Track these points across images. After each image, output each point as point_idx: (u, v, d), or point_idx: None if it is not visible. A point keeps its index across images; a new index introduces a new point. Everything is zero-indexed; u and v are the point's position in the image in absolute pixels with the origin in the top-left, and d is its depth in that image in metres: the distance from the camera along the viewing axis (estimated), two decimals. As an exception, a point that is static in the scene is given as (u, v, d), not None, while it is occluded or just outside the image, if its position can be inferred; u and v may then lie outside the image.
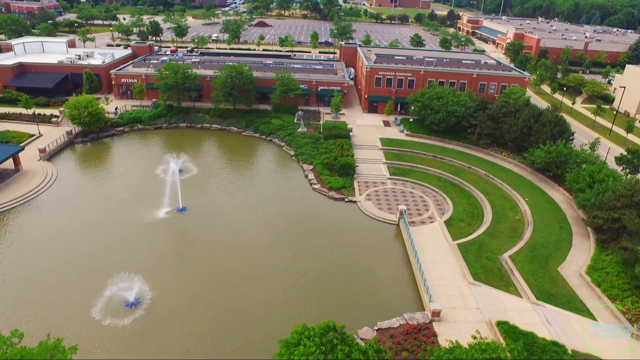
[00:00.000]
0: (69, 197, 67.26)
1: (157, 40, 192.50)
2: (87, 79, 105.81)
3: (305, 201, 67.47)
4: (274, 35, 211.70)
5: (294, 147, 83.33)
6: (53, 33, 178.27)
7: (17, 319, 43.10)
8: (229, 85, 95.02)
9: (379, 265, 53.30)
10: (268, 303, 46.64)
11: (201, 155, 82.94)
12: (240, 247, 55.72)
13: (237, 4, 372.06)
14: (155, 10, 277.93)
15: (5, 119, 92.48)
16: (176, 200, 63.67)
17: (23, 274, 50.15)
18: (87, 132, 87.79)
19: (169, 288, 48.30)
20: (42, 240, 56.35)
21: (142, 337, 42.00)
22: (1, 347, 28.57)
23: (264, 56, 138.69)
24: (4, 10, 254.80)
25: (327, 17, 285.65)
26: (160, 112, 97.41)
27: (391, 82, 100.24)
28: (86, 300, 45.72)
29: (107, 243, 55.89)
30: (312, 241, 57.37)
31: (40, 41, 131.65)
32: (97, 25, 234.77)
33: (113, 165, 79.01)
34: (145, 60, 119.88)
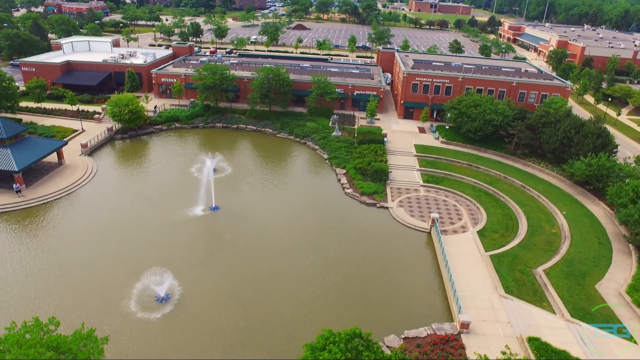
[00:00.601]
0: (107, 191, 69.43)
1: (198, 41, 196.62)
2: (129, 78, 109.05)
3: (337, 205, 67.50)
4: (312, 38, 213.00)
5: (328, 151, 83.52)
6: (99, 33, 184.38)
7: (54, 307, 44.74)
8: (265, 87, 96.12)
9: (409, 273, 52.80)
10: (295, 305, 46.86)
11: (236, 155, 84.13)
12: (271, 248, 56.21)
13: (276, 6, 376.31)
14: (196, 12, 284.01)
15: (52, 115, 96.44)
16: (210, 199, 64.75)
17: (61, 264, 52.08)
18: (127, 129, 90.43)
19: (198, 285, 49.17)
20: (80, 232, 58.37)
21: (170, 332, 42.90)
22: (39, 333, 29.75)
23: (301, 59, 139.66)
24: (56, 11, 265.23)
25: (365, 21, 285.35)
26: (197, 111, 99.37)
27: (428, 89, 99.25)
28: (119, 293, 47.08)
29: (141, 238, 57.42)
30: (342, 245, 57.34)
31: (87, 40, 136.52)
32: (141, 25, 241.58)
33: (150, 162, 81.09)
34: (185, 61, 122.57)
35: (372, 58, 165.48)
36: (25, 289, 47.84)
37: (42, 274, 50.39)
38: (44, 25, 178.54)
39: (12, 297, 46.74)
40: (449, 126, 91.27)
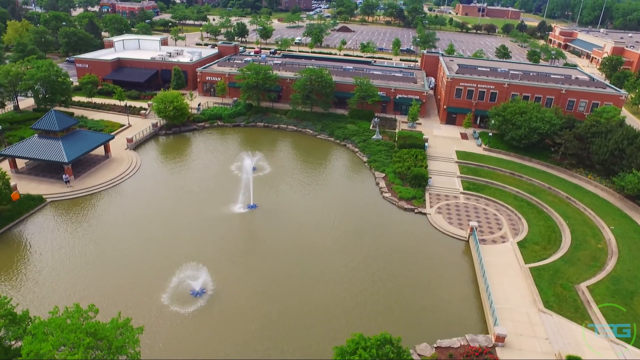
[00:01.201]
0: (149, 185, 71.49)
1: (243, 41, 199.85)
2: (175, 76, 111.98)
3: (374, 209, 67.05)
4: (356, 40, 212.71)
5: (368, 154, 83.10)
6: (149, 31, 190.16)
7: (94, 295, 46.36)
8: (307, 88, 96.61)
9: (444, 281, 51.81)
10: (327, 307, 46.81)
11: (275, 155, 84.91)
12: (306, 249, 56.39)
13: (321, 8, 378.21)
14: (243, 12, 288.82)
15: (101, 109, 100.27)
16: (248, 197, 65.56)
17: (102, 253, 54.02)
18: (171, 126, 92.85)
19: (232, 282, 49.87)
20: (121, 224, 60.35)
21: (203, 327, 43.68)
22: (79, 319, 30.88)
23: (344, 61, 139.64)
24: (110, 10, 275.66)
25: (410, 24, 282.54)
26: (239, 110, 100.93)
27: (472, 94, 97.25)
28: (155, 285, 48.34)
29: (179, 232, 58.76)
30: (378, 250, 56.89)
31: (137, 39, 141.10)
32: (189, 25, 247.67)
33: (191, 158, 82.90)
34: (230, 60, 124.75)
35: (416, 62, 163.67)
36: (68, 276, 49.89)
37: (84, 262, 52.41)
38: (99, 23, 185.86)
39: (57, 282, 48.84)
40: (492, 133, 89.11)
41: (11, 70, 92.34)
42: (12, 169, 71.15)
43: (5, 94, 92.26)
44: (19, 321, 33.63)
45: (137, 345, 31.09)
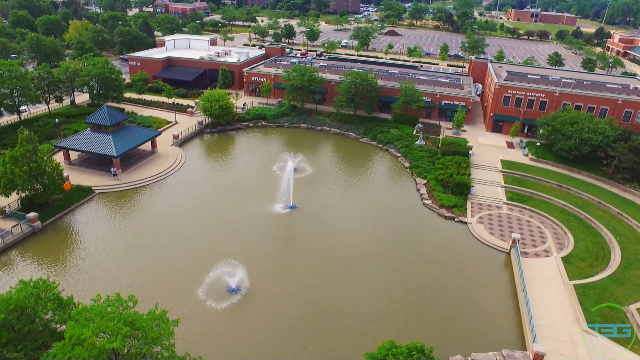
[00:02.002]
0: (192, 181, 73.23)
1: (290, 42, 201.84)
2: (222, 75, 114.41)
3: (414, 215, 66.16)
4: (403, 44, 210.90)
5: (410, 159, 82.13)
6: (199, 32, 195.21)
7: (132, 285, 47.84)
8: (352, 91, 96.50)
9: (482, 293, 50.46)
10: (360, 312, 46.52)
11: (317, 156, 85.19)
12: (343, 252, 56.24)
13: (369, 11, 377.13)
14: (291, 14, 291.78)
15: (150, 106, 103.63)
16: (288, 197, 66.02)
17: (144, 246, 55.80)
18: (216, 124, 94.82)
19: (268, 281, 50.32)
20: (164, 217, 62.07)
21: (236, 323, 44.35)
22: (119, 308, 31.95)
23: (390, 65, 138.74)
24: (163, 11, 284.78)
25: (459, 29, 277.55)
26: (283, 111, 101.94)
27: (520, 102, 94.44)
28: (193, 279, 49.41)
29: (219, 229, 59.89)
30: (416, 257, 56.08)
31: (187, 38, 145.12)
32: (238, 26, 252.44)
33: (234, 156, 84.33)
34: (276, 61, 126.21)
35: (464, 68, 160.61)
36: (110, 265, 51.80)
37: (125, 253, 54.29)
38: (152, 23, 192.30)
39: (100, 271, 50.81)
40: (540, 143, 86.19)
41: (70, 67, 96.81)
42: (65, 161, 74.53)
43: (63, 89, 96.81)
44: (64, 306, 35.17)
45: (171, 337, 31.81)
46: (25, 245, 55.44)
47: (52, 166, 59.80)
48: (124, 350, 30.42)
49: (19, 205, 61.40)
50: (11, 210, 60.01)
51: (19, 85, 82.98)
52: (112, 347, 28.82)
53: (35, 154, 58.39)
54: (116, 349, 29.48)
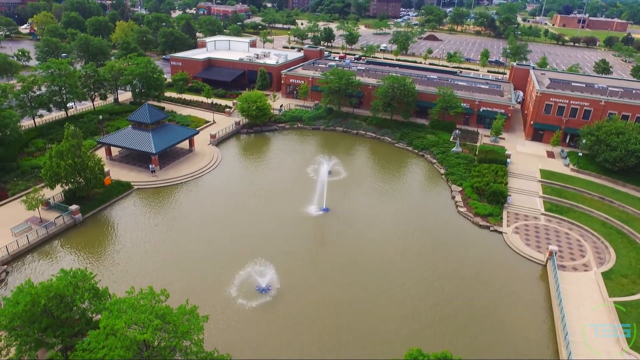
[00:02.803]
0: (227, 180, 74.38)
1: (328, 45, 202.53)
2: (260, 77, 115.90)
3: (448, 223, 65.13)
4: (443, 49, 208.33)
5: (445, 166, 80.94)
6: (240, 33, 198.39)
7: (164, 279, 48.89)
8: (389, 96, 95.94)
9: (515, 306, 49.11)
10: (388, 317, 46.14)
11: (352, 160, 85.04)
12: (375, 257, 55.92)
13: (409, 16, 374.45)
14: (330, 18, 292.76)
15: (189, 105, 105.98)
16: (321, 200, 66.13)
17: (176, 241, 57.07)
18: (253, 125, 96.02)
19: (298, 283, 50.51)
20: (198, 215, 63.27)
21: (264, 323, 44.69)
22: (151, 301, 32.73)
23: (429, 70, 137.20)
24: (206, 13, 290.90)
25: (501, 35, 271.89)
26: (320, 114, 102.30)
27: (563, 111, 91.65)
28: (224, 277, 50.16)
29: (251, 228, 60.54)
30: (447, 264, 55.17)
31: (228, 40, 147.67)
32: (278, 28, 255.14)
33: (270, 157, 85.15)
34: (314, 64, 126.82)
35: (504, 74, 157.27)
36: (144, 259, 53.23)
37: (159, 248, 55.65)
38: (194, 25, 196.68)
39: (134, 264, 52.30)
40: (582, 153, 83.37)
41: (115, 66, 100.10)
42: (107, 156, 77.02)
43: (108, 87, 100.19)
44: (100, 296, 36.31)
45: (201, 333, 32.35)
46: (67, 236, 57.61)
47: (94, 161, 61.89)
48: (155, 343, 31.12)
49: (63, 197, 63.90)
50: (55, 202, 62.46)
51: (67, 83, 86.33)
52: (143, 339, 29.55)
53: (80, 149, 60.58)
54: (147, 340, 30.20)
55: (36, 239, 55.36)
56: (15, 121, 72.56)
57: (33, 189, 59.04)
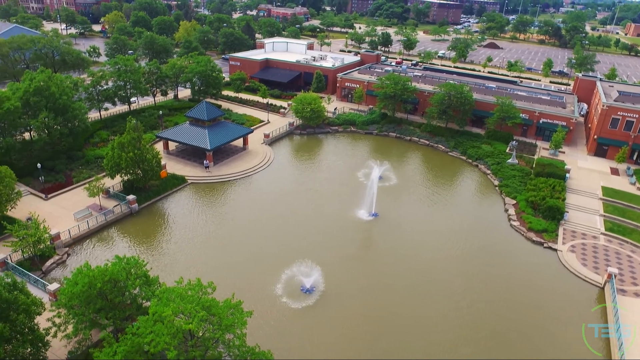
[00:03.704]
0: (278, 180, 75.34)
1: (386, 50, 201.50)
2: (316, 79, 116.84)
3: (499, 236, 63.09)
4: (503, 58, 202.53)
5: (500, 178, 78.46)
6: (298, 35, 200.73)
7: (211, 272, 49.67)
8: (445, 103, 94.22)
9: (568, 330, 46.71)
10: (429, 327, 45.32)
11: (403, 166, 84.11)
12: (421, 265, 55.03)
13: (470, 23, 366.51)
14: (389, 23, 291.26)
15: (245, 104, 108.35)
16: (371, 205, 65.71)
17: (225, 236, 58.50)
18: (306, 126, 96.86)
19: (342, 285, 50.42)
20: (247, 212, 64.51)
21: (306, 323, 44.93)
22: (198, 293, 33.62)
23: (487, 79, 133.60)
24: (265, 15, 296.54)
25: (567, 44, 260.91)
26: (374, 118, 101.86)
27: (632, 126, 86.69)
28: (269, 275, 50.82)
29: (299, 229, 61.05)
30: (496, 278, 53.42)
31: (286, 42, 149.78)
32: (335, 32, 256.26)
33: (321, 160, 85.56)
34: (370, 68, 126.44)
35: (568, 85, 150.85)
36: (193, 251, 54.86)
37: (209, 241, 57.19)
38: (254, 26, 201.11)
39: (183, 255, 54.01)
40: (651, 172, 78.63)
41: (176, 63, 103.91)
42: (164, 150, 79.93)
43: (169, 84, 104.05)
44: (150, 284, 37.70)
45: (244, 327, 32.91)
46: (123, 224, 60.23)
47: (152, 154, 64.41)
48: (199, 333, 31.96)
49: (121, 187, 66.84)
50: (114, 191, 65.43)
51: (132, 79, 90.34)
52: (189, 328, 30.37)
53: (140, 142, 63.19)
54: (192, 330, 31.05)
55: (95, 225, 58.28)
56: (84, 113, 76.61)
57: (95, 178, 62.09)
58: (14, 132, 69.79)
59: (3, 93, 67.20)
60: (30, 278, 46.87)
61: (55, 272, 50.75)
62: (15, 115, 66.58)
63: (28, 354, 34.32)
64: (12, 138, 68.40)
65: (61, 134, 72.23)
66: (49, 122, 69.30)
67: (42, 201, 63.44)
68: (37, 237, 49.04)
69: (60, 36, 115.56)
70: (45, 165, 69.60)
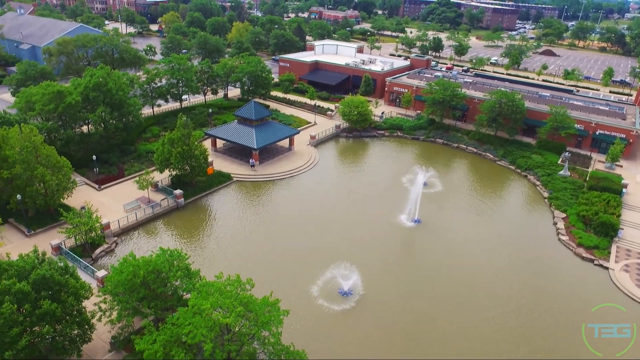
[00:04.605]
0: (322, 181, 75.64)
1: (436, 55, 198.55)
2: (364, 82, 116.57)
3: (546, 250, 60.76)
4: (560, 66, 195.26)
5: (550, 190, 75.60)
6: (348, 39, 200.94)
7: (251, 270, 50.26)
8: (495, 111, 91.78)
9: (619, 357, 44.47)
10: (466, 338, 44.20)
11: (449, 173, 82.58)
12: (461, 274, 53.81)
13: (526, 29, 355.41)
14: (441, 27, 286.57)
15: (293, 105, 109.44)
16: (414, 211, 64.85)
17: (267, 236, 59.25)
18: (352, 129, 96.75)
19: (380, 290, 50.05)
20: (289, 212, 65.19)
21: (342, 326, 44.84)
22: (236, 289, 34.20)
23: (541, 87, 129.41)
24: (317, 17, 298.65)
25: (631, 52, 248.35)
26: (421, 124, 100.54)
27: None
28: (308, 275, 51.05)
29: (340, 231, 61.02)
30: (540, 293, 51.42)
31: (335, 44, 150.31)
32: (386, 35, 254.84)
33: (366, 163, 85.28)
34: (420, 73, 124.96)
35: (630, 96, 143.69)
36: (234, 248, 55.98)
37: (250, 239, 58.18)
38: (305, 28, 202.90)
39: (224, 251, 55.25)
40: None
41: (227, 63, 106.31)
42: (212, 147, 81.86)
43: (219, 83, 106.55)
44: (191, 276, 38.67)
45: (280, 326, 33.21)
46: (169, 217, 62.14)
47: (200, 151, 66.10)
48: (235, 328, 32.51)
49: (169, 181, 68.94)
50: (163, 185, 67.58)
51: (184, 77, 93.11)
52: (226, 322, 30.94)
53: (189, 138, 64.99)
54: (229, 324, 31.62)
55: (143, 217, 60.42)
56: (138, 109, 79.59)
57: (145, 171, 64.36)
58: (73, 125, 73.39)
59: (66, 88, 70.85)
60: (81, 264, 49.14)
61: (103, 260, 52.97)
62: (75, 109, 70.07)
63: (75, 334, 36.02)
64: (72, 130, 71.99)
65: (116, 128, 75.44)
66: (105, 117, 72.44)
67: (95, 191, 66.38)
68: (89, 225, 51.49)
69: (120, 35, 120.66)
70: (100, 157, 72.77)
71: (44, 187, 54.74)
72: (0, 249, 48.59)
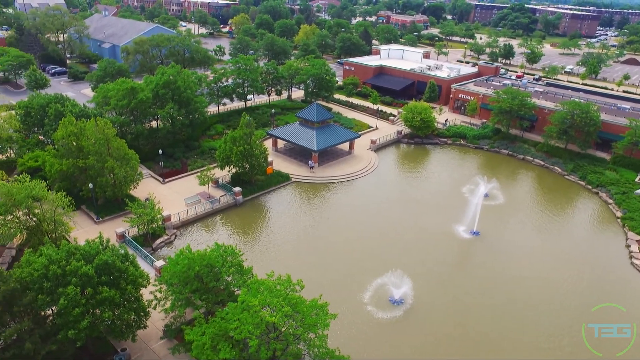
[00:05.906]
0: (380, 187, 75.00)
1: (506, 63, 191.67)
2: (429, 88, 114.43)
3: (615, 273, 56.70)
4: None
5: (624, 209, 70.57)
6: (415, 43, 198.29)
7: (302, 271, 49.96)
8: (566, 123, 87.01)
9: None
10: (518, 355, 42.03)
11: (513, 186, 79.30)
12: (520, 291, 51.37)
13: (607, 36, 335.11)
14: (513, 34, 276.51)
15: (355, 109, 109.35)
16: (473, 222, 62.80)
17: (321, 238, 59.50)
18: (414, 136, 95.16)
19: (432, 301, 48.81)
20: (345, 216, 65.01)
21: (391, 334, 44.09)
22: (286, 288, 34.36)
23: (621, 98, 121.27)
24: (384, 21, 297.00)
25: None
26: (486, 133, 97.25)
27: None
28: (359, 281, 50.59)
29: (395, 238, 60.15)
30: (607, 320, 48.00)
31: (402, 49, 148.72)
32: (454, 41, 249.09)
33: (426, 171, 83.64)
34: (487, 81, 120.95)
35: None
36: (288, 248, 56.49)
37: (304, 240, 58.60)
38: (372, 32, 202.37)
39: (277, 251, 55.81)
40: None
41: (292, 65, 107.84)
42: (273, 147, 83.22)
43: (283, 84, 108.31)
44: (243, 273, 39.33)
45: (326, 329, 33.02)
46: (227, 213, 63.75)
47: (260, 150, 67.39)
48: (282, 328, 32.66)
49: (229, 179, 70.74)
50: (223, 182, 69.45)
51: (250, 77, 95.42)
52: (272, 321, 31.16)
53: (251, 138, 66.45)
54: (275, 323, 31.81)
55: (202, 212, 62.36)
56: (204, 107, 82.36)
57: (207, 168, 66.34)
58: (144, 120, 77.12)
59: (139, 85, 74.64)
60: (142, 253, 51.42)
61: (162, 251, 55.16)
62: (146, 105, 73.64)
63: (132, 320, 37.65)
64: (142, 125, 75.71)
65: (182, 124, 78.48)
66: (173, 113, 75.52)
67: (159, 184, 69.31)
68: (152, 216, 53.80)
69: (192, 36, 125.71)
70: (166, 151, 75.96)
71: (113, 178, 57.84)
72: (72, 233, 51.67)
